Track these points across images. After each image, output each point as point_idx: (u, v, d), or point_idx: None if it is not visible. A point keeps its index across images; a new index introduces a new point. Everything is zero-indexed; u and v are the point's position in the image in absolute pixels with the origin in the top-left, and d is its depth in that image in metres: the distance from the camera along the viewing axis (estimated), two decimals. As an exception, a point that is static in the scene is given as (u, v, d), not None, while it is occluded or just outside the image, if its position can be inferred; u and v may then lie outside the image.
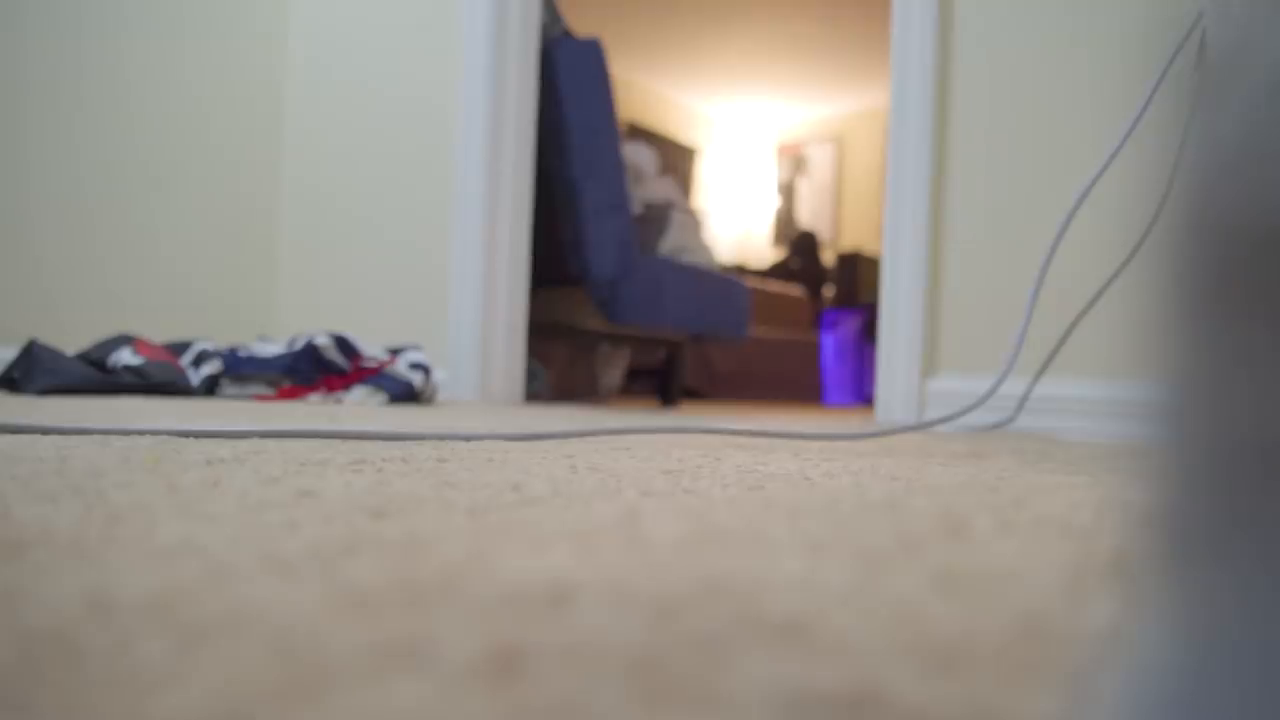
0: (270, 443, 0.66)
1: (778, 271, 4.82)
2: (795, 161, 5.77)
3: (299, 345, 1.62)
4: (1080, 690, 0.18)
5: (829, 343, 3.58)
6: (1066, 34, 1.47)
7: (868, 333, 3.42)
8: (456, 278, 2.06)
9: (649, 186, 2.75)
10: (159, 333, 2.18)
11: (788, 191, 5.79)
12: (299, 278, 2.41)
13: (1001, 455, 0.83)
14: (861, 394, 3.46)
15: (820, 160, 5.67)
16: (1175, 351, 0.12)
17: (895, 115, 1.64)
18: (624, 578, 0.26)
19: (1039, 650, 0.21)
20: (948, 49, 1.60)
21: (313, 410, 1.25)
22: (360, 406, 1.45)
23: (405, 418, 1.14)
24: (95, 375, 1.47)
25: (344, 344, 1.65)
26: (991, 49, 1.55)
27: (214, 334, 2.29)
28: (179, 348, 1.66)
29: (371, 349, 1.70)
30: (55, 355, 1.47)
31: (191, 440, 0.66)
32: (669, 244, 2.63)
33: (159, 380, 1.51)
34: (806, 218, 5.68)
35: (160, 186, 2.22)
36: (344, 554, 0.28)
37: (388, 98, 2.24)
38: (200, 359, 1.62)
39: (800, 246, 4.87)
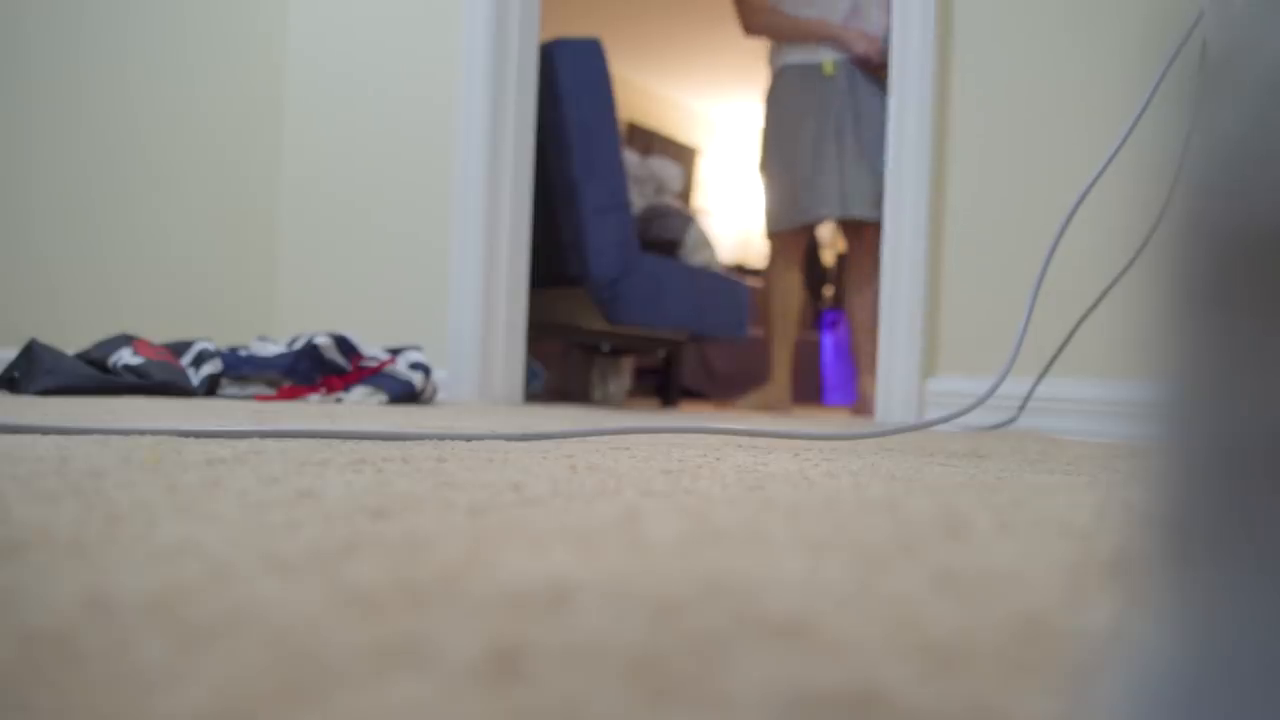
0: (270, 443, 0.66)
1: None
2: (795, 161, 5.76)
3: (299, 345, 1.62)
4: (1080, 690, 0.18)
5: (829, 343, 3.58)
6: (1067, 33, 1.47)
7: (868, 333, 3.41)
8: (456, 277, 2.06)
9: (670, 202, 2.83)
10: (159, 333, 2.18)
11: (788, 191, 5.78)
12: (299, 277, 2.41)
13: (1001, 455, 0.83)
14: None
15: (820, 160, 5.66)
16: (1175, 351, 0.12)
17: (895, 115, 1.64)
18: (624, 578, 0.26)
19: (1039, 650, 0.21)
20: (947, 48, 1.60)
21: (312, 410, 1.25)
22: (360, 406, 1.45)
23: (405, 418, 1.14)
24: (95, 375, 1.47)
25: (344, 344, 1.65)
26: (991, 47, 1.55)
27: (214, 334, 2.29)
28: (179, 348, 1.66)
29: (371, 349, 1.70)
30: (55, 355, 1.47)
31: (191, 440, 0.66)
32: (687, 256, 2.69)
33: (159, 380, 1.51)
34: (806, 218, 5.68)
35: (161, 186, 2.22)
36: (344, 554, 0.28)
37: (388, 97, 2.24)
38: (200, 359, 1.62)
39: (800, 246, 4.87)
